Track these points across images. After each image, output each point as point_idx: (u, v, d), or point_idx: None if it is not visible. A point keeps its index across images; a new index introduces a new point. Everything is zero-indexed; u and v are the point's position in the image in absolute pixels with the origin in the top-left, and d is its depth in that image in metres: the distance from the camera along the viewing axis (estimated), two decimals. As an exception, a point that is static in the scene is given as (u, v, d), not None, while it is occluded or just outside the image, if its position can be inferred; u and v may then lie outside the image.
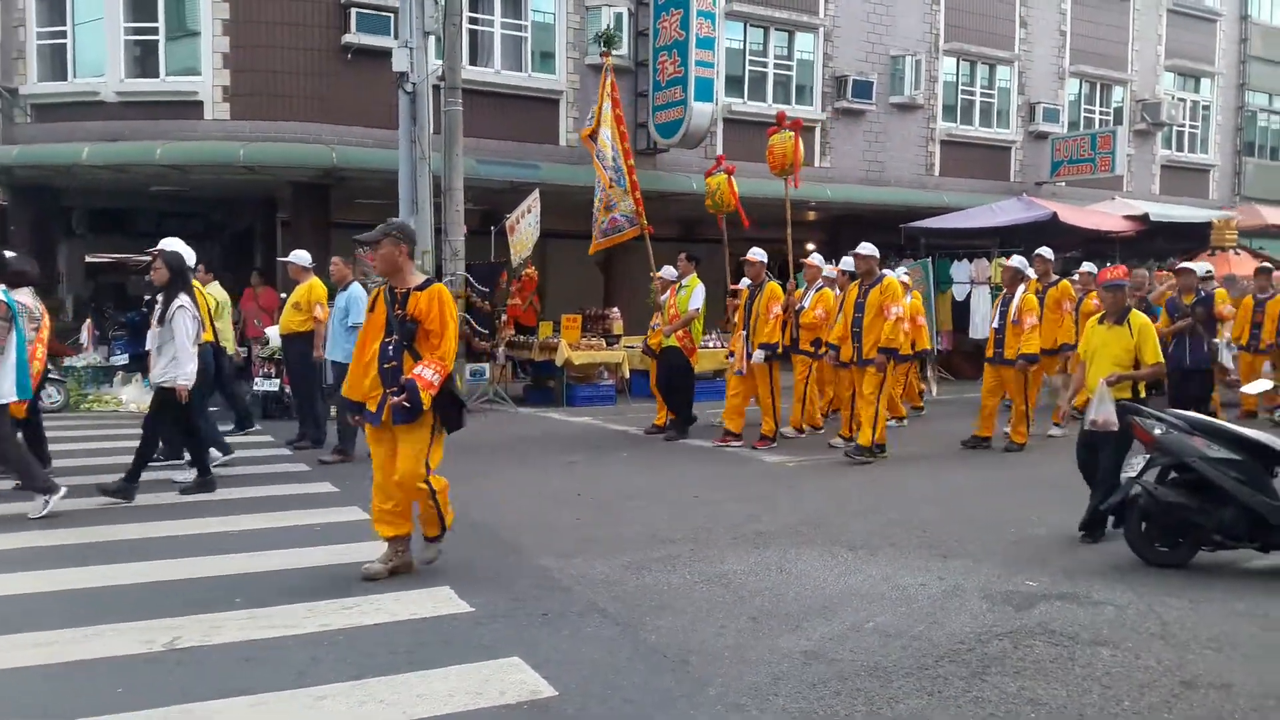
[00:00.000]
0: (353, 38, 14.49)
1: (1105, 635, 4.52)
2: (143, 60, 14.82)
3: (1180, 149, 24.10)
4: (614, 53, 16.49)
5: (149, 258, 7.89)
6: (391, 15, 14.16)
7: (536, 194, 13.64)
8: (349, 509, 6.94)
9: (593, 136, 12.63)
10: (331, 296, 9.65)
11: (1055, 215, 16.14)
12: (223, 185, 15.21)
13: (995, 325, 10.09)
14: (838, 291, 10.22)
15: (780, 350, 10.03)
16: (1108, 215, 17.78)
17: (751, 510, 7.10)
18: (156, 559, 5.59)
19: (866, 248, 9.32)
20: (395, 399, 5.03)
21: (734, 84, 18.29)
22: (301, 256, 9.99)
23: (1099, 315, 6.61)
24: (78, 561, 5.54)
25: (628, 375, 13.76)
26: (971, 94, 20.94)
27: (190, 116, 14.55)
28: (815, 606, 4.90)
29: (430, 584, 5.14)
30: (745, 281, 10.37)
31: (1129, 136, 21.79)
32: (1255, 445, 5.66)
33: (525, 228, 13.38)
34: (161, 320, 7.26)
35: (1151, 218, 17.17)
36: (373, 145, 14.58)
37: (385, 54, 13.27)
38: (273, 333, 11.96)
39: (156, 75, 14.72)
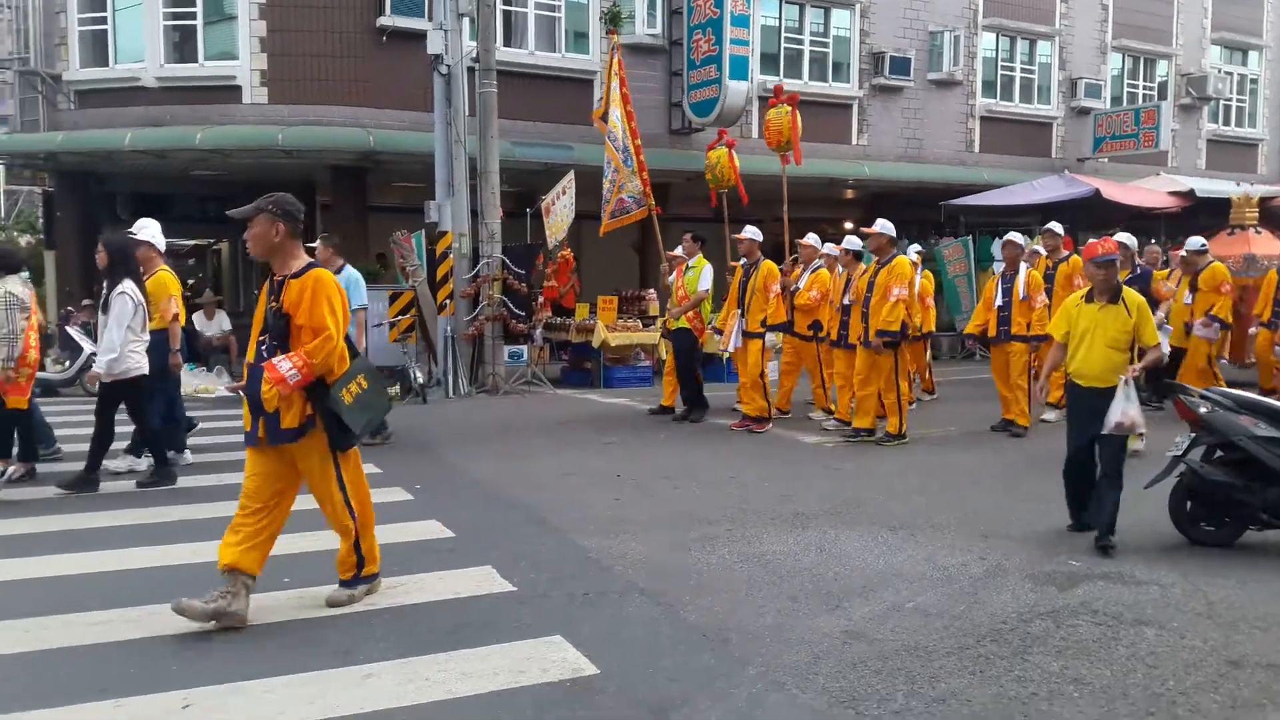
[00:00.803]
0: (387, 20, 14.55)
1: (1150, 615, 4.49)
2: (181, 46, 14.99)
3: (1227, 123, 23.60)
4: (648, 32, 16.50)
5: (196, 243, 7.89)
6: (426, -2, 14.20)
7: (571, 175, 13.65)
8: (392, 489, 7.01)
9: (603, 118, 12.49)
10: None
11: (1098, 191, 15.90)
12: (262, 169, 15.39)
13: (1000, 304, 9.89)
14: (840, 270, 9.87)
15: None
16: (1152, 192, 17.48)
17: (789, 490, 7.10)
18: (205, 539, 5.69)
19: (881, 224, 9.12)
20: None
21: (769, 61, 18.15)
22: (148, 229, 7.80)
23: (1084, 293, 5.92)
24: (139, 542, 5.66)
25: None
26: (1011, 69, 20.63)
27: (229, 101, 14.71)
28: (855, 586, 4.90)
29: (472, 564, 5.20)
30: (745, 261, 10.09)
31: (1174, 111, 21.39)
32: (1304, 424, 5.57)
33: (561, 209, 13.40)
34: (105, 308, 6.98)
35: (1197, 193, 16.84)
36: (408, 128, 14.66)
37: (420, 36, 13.33)
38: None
39: (195, 60, 14.89)
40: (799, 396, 11.18)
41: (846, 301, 9.43)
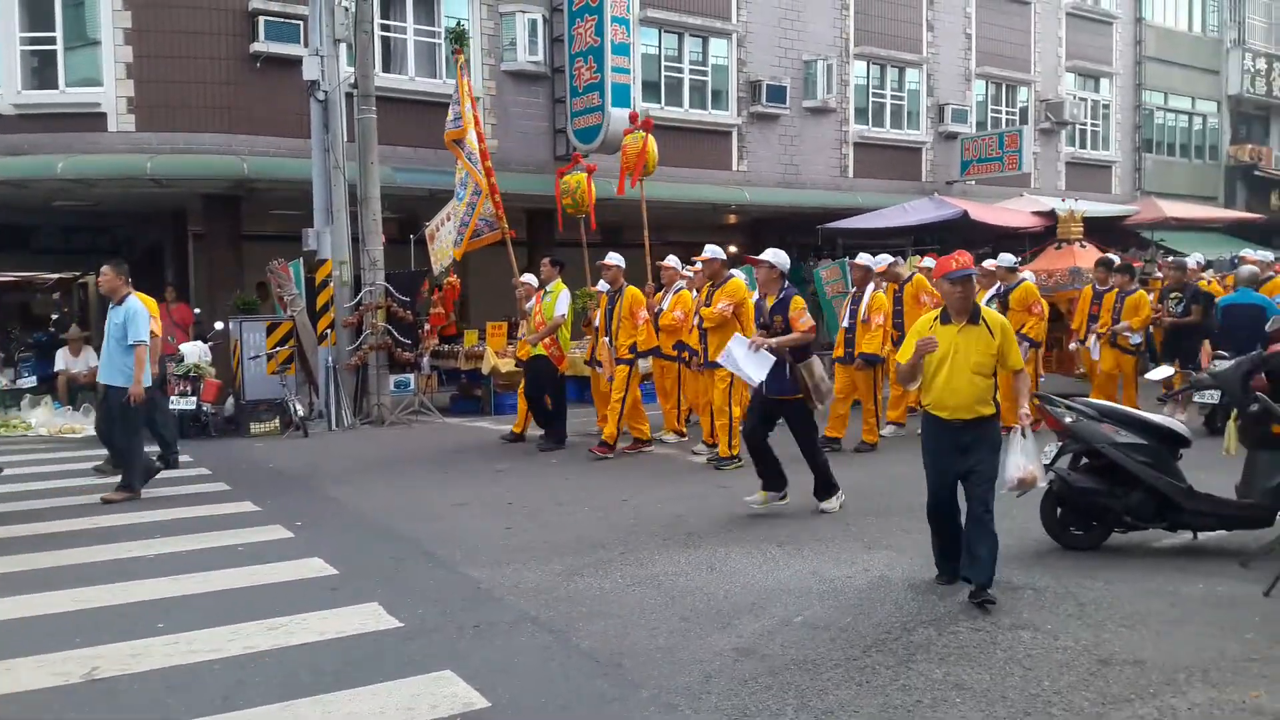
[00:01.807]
0: (261, 46, 14.20)
1: (1025, 618, 4.66)
2: (41, 71, 14.32)
3: (1084, 146, 24.93)
4: (530, 59, 16.51)
5: (61, 276, 7.58)
6: (301, 23, 13.92)
7: (455, 200, 13.53)
8: (271, 527, 6.79)
9: (458, 141, 12.09)
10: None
11: (965, 213, 16.57)
12: (130, 199, 14.77)
13: (846, 325, 9.98)
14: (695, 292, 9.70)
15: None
16: (1016, 212, 18.31)
17: (681, 511, 7.15)
18: (74, 587, 5.39)
19: (710, 250, 9.00)
20: None
21: (651, 89, 18.37)
22: None
23: (937, 313, 5.20)
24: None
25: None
26: (882, 96, 21.37)
27: (93, 129, 14.09)
28: (745, 603, 4.95)
29: (357, 601, 5.06)
30: (603, 285, 10.06)
31: (1034, 135, 22.46)
32: (1161, 430, 5.90)
33: (445, 235, 13.24)
34: None
35: (1058, 212, 17.72)
36: (285, 155, 14.30)
37: (295, 62, 13.05)
38: (188, 349, 11.66)
39: (56, 87, 14.23)
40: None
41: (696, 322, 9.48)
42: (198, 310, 15.50)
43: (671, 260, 10.39)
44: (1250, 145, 27.44)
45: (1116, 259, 11.67)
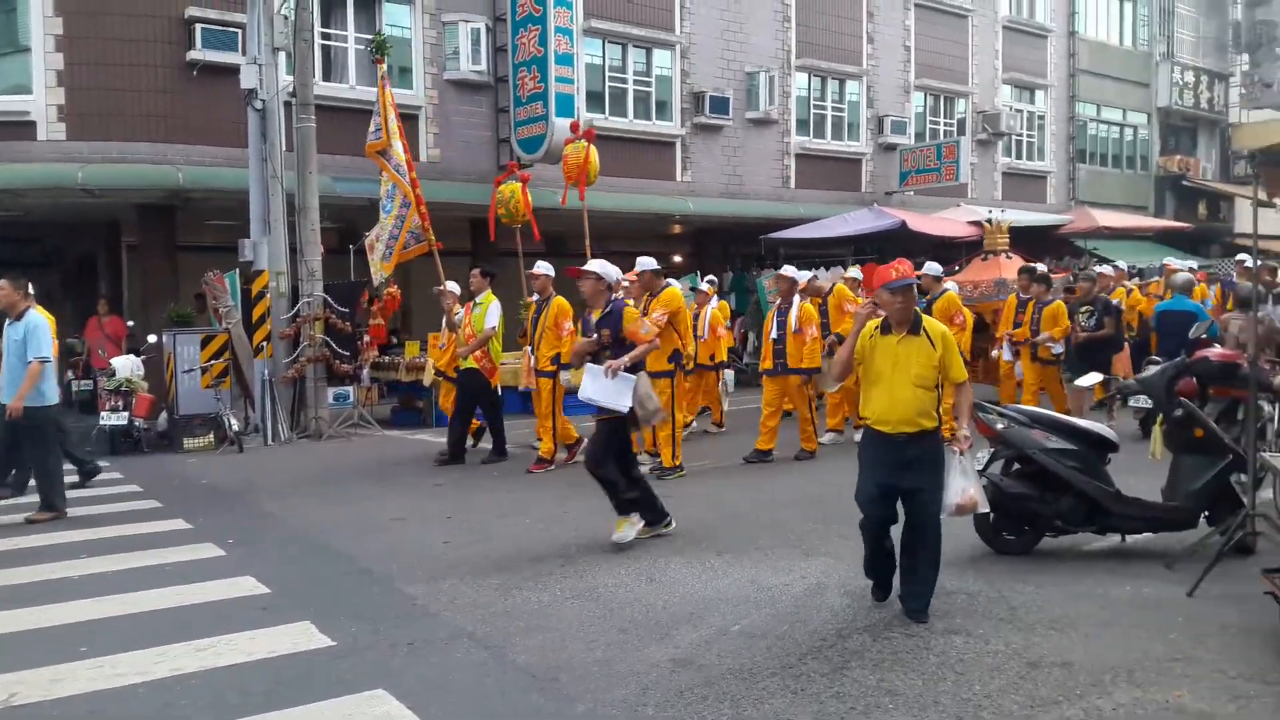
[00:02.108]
0: (198, 54, 13.95)
1: (958, 623, 4.72)
2: (-34, 78, 13.95)
3: (1020, 157, 25.42)
4: (473, 68, 16.44)
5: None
6: (239, 31, 13.70)
7: (382, 214, 13.40)
8: (202, 545, 6.64)
9: (382, 152, 11.79)
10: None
11: (904, 223, 16.82)
12: (61, 209, 14.42)
13: (774, 336, 9.88)
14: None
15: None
16: (953, 221, 18.62)
17: (621, 522, 7.12)
18: (-11, 610, 5.24)
19: (643, 262, 9.09)
20: None
21: (595, 100, 18.39)
22: None
23: (877, 324, 4.97)
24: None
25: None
26: (823, 108, 21.61)
27: (22, 138, 13.73)
28: (683, 614, 4.95)
29: (289, 620, 4.97)
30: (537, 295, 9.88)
31: (972, 146, 22.87)
32: (1089, 435, 6.02)
33: (383, 246, 13.10)
34: None
35: (983, 224, 18.05)
36: (222, 164, 14.06)
37: (233, 70, 12.82)
38: (119, 363, 11.40)
39: (-17, 94, 13.87)
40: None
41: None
42: (131, 323, 15.16)
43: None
44: (1179, 156, 28.20)
45: (1041, 268, 11.87)
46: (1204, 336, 8.48)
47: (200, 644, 4.59)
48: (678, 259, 21.59)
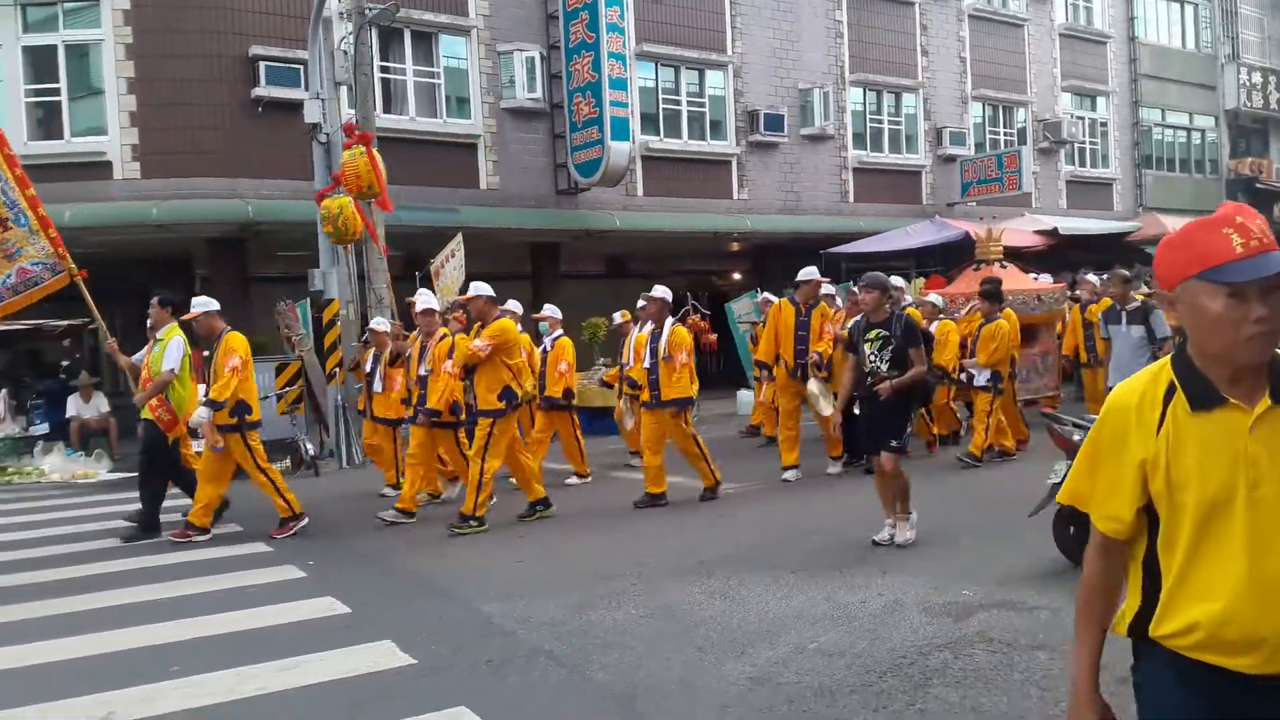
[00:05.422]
0: (262, 91, 14.37)
1: (1041, 639, 4.63)
2: (47, 122, 14.51)
3: (1083, 165, 25.02)
4: (529, 96, 16.67)
5: (71, 323, 7.60)
6: (301, 67, 14.09)
7: (460, 237, 13.62)
8: (284, 567, 6.78)
9: None
10: None
11: (967, 234, 16.60)
12: (136, 245, 14.88)
13: (647, 366, 8.50)
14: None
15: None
16: (1019, 231, 18.35)
17: (690, 542, 7.12)
18: (87, 632, 5.38)
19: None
20: None
21: (650, 122, 18.52)
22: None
23: (1159, 387, 3.33)
24: (4, 641, 5.31)
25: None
26: (880, 122, 21.50)
27: (99, 177, 14.26)
28: (760, 631, 4.92)
29: (370, 639, 5.04)
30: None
31: (1033, 155, 22.56)
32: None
33: (450, 271, 13.32)
34: None
35: (1060, 231, 17.78)
36: (289, 196, 14.42)
37: (296, 106, 13.18)
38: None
39: (62, 137, 14.41)
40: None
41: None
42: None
43: (424, 299, 8.87)
44: (1250, 158, 27.54)
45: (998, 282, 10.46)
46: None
47: (285, 663, 4.68)
48: (737, 276, 21.59)
